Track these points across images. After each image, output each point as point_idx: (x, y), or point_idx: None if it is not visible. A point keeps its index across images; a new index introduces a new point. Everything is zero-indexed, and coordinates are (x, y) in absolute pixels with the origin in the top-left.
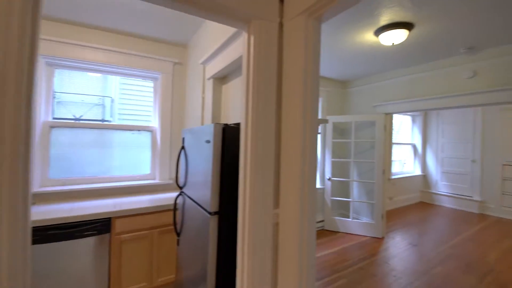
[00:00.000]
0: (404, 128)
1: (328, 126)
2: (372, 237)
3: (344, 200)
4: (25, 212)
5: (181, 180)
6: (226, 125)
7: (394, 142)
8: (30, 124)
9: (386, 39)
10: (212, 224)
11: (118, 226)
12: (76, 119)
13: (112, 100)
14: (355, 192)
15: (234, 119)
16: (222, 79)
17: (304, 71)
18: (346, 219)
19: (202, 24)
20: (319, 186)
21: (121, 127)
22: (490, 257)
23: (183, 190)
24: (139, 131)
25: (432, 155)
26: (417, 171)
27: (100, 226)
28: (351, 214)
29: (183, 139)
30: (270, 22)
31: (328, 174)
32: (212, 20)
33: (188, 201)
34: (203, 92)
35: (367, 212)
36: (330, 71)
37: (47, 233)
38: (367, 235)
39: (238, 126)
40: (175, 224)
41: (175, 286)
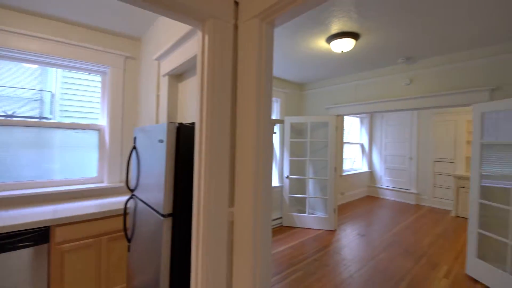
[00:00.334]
0: (354, 129)
1: (286, 126)
2: (326, 230)
3: (301, 197)
4: None
5: (132, 183)
6: (181, 124)
7: (345, 141)
8: None
9: (336, 46)
10: (165, 227)
11: (59, 235)
12: (7, 116)
13: (53, 95)
14: (311, 188)
15: (192, 119)
16: (178, 76)
17: (258, 73)
18: (303, 214)
19: (157, 17)
20: (277, 184)
21: (63, 125)
22: (424, 242)
23: (135, 193)
24: (84, 129)
25: (377, 153)
26: (364, 168)
27: (36, 236)
28: (307, 210)
29: (135, 138)
30: (225, 23)
31: (286, 172)
32: (165, 16)
33: (140, 204)
34: (158, 89)
35: (321, 207)
36: (288, 73)
37: None
38: (321, 229)
39: (193, 125)
40: (125, 229)
41: None
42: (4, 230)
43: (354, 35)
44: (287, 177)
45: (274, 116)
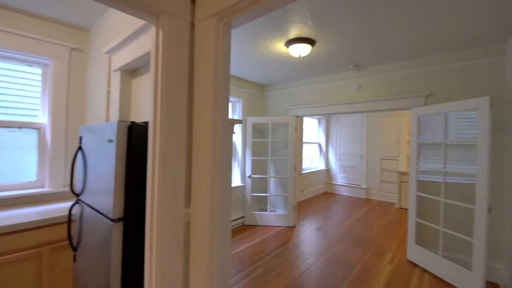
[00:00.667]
0: (312, 129)
1: (248, 126)
2: (286, 226)
3: (263, 195)
4: None
5: (77, 187)
6: (133, 123)
7: (304, 141)
8: None
9: (294, 51)
10: (115, 232)
11: None
12: None
13: None
14: (272, 187)
15: (148, 117)
16: (132, 72)
17: (215, 72)
18: (264, 212)
19: (109, 7)
20: (240, 184)
21: None
22: (372, 232)
23: (80, 197)
24: (21, 128)
25: (333, 152)
26: (322, 166)
27: None
28: (269, 208)
29: (81, 138)
30: (181, 20)
31: (248, 172)
32: (116, 8)
33: (87, 209)
34: (109, 85)
35: (282, 205)
36: (251, 74)
37: None
38: (282, 225)
39: (147, 124)
40: (70, 238)
41: None
42: None
43: (310, 41)
44: (249, 176)
45: (237, 116)
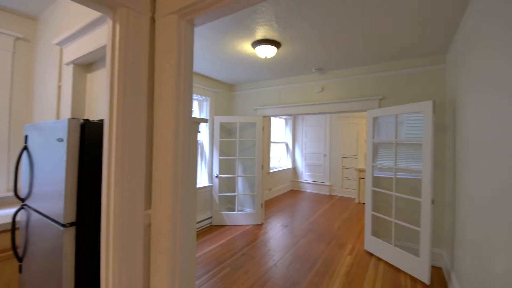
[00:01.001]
0: (279, 129)
1: (216, 126)
2: (254, 224)
3: (230, 195)
4: None
5: (22, 191)
6: (86, 120)
7: (272, 141)
8: None
9: (261, 52)
10: (66, 238)
11: None
12: None
13: None
14: (240, 186)
15: (103, 115)
16: (87, 66)
17: (177, 70)
18: (232, 212)
19: None
20: (207, 184)
21: None
22: (334, 226)
23: (26, 202)
24: None
25: (299, 151)
26: (289, 164)
27: None
28: (237, 207)
29: (26, 137)
30: (140, 14)
31: (216, 172)
32: None
33: (34, 215)
34: (60, 79)
35: (250, 203)
36: (219, 73)
37: None
38: (250, 224)
39: (103, 122)
40: (14, 247)
41: None
42: None
43: (276, 43)
44: (217, 176)
45: (204, 115)
